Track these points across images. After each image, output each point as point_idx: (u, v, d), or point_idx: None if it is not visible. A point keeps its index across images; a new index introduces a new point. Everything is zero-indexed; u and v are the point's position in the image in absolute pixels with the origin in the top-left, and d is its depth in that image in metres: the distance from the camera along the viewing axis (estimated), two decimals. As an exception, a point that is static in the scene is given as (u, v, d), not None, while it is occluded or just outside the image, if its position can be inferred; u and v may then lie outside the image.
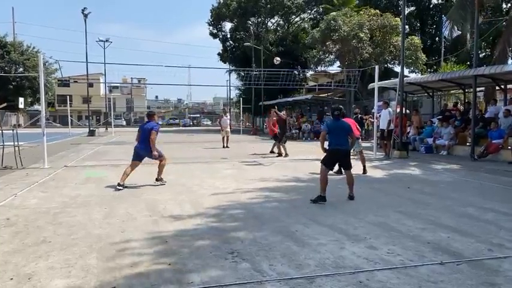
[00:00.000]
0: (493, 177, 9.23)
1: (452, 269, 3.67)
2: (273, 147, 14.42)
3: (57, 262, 3.82)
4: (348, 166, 6.76)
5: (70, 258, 3.93)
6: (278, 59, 23.95)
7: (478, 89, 14.99)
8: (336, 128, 6.70)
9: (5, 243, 4.41)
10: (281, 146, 13.76)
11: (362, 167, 9.74)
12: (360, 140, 10.33)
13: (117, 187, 7.60)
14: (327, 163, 6.65)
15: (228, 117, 18.88)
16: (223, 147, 17.21)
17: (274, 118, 14.22)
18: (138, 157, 8.27)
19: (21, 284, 3.35)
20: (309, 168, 10.43)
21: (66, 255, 4.01)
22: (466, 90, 17.45)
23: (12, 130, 11.87)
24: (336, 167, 7.81)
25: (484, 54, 30.42)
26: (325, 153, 6.70)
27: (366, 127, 21.71)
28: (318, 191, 6.40)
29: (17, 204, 6.32)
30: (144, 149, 8.19)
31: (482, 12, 20.28)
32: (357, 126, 10.53)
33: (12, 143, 11.05)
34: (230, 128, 18.61)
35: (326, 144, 6.70)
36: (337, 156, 6.69)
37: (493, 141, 12.65)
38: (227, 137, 17.64)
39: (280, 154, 13.75)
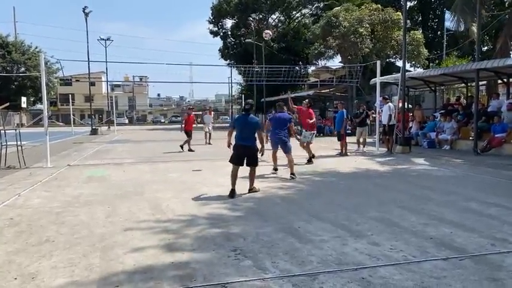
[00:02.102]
0: (496, 172, 9.20)
1: (455, 264, 3.66)
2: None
3: (61, 261, 3.83)
4: (254, 163, 6.89)
5: (73, 257, 3.94)
6: (269, 32, 24.06)
7: (480, 83, 14.92)
8: (241, 124, 6.82)
9: (8, 242, 4.43)
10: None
11: (308, 157, 10.55)
12: (311, 133, 10.80)
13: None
14: (232, 159, 6.79)
15: (212, 115, 20.35)
16: (206, 143, 17.84)
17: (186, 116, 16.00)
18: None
19: (25, 283, 3.36)
20: (310, 165, 10.46)
21: (70, 254, 4.03)
22: (469, 84, 17.39)
23: (15, 130, 11.89)
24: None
25: (486, 47, 30.28)
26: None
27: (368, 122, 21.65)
28: (318, 188, 6.40)
29: (20, 204, 6.34)
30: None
31: (485, 6, 20.16)
32: (312, 118, 11.00)
33: (15, 143, 11.08)
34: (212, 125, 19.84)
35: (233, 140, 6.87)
36: (241, 152, 6.73)
37: (496, 135, 12.61)
38: (209, 134, 18.48)
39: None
